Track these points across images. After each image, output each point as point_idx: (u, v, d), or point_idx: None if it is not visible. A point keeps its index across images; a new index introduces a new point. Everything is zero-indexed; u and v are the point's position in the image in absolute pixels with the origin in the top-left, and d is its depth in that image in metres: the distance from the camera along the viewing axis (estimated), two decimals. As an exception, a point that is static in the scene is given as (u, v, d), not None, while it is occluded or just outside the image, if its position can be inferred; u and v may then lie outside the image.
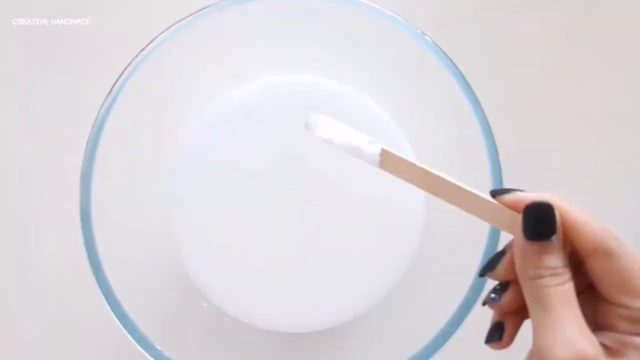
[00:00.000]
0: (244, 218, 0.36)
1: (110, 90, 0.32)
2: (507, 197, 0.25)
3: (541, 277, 0.24)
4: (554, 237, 0.24)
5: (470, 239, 0.32)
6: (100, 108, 0.32)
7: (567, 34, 0.44)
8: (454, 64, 0.32)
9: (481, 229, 0.31)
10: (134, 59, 0.32)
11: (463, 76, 0.32)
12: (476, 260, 0.31)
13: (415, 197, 0.37)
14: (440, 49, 0.32)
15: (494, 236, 0.31)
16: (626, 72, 0.44)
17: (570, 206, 0.24)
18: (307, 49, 0.37)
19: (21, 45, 0.43)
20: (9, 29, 0.43)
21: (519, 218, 0.25)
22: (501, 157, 0.31)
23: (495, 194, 0.26)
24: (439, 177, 0.27)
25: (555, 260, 0.24)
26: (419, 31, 0.33)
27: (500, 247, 0.31)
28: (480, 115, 0.32)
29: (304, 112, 0.38)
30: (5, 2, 0.43)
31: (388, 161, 0.28)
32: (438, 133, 0.36)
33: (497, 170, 0.31)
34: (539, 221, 0.24)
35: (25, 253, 0.41)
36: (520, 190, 0.26)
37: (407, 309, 0.36)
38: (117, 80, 0.32)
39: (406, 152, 0.38)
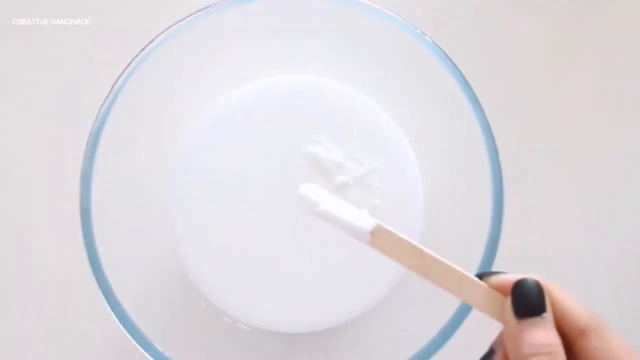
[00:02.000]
0: (244, 218, 0.36)
1: (110, 90, 0.32)
2: (493, 279, 0.25)
3: (538, 354, 0.23)
4: (545, 314, 0.24)
5: (470, 239, 0.32)
6: (100, 108, 0.32)
7: (567, 34, 0.44)
8: (454, 64, 0.32)
9: (481, 229, 0.31)
10: (134, 59, 0.32)
11: (463, 76, 0.32)
12: (476, 261, 0.31)
13: (416, 197, 0.37)
14: (440, 49, 0.32)
15: (494, 236, 0.31)
16: (626, 71, 0.44)
17: (556, 287, 0.24)
18: (307, 49, 0.37)
19: (21, 45, 0.43)
20: (9, 29, 0.43)
21: (507, 301, 0.24)
22: (501, 157, 0.31)
23: (482, 276, 0.26)
24: (432, 257, 0.26)
25: (549, 336, 0.23)
26: (419, 31, 0.32)
27: (499, 248, 0.31)
28: (480, 115, 0.32)
29: (304, 112, 0.38)
30: (5, 2, 0.43)
31: (380, 239, 0.27)
32: (438, 133, 0.36)
33: (497, 170, 0.31)
34: (528, 297, 0.24)
35: (25, 253, 0.41)
36: (505, 273, 0.26)
37: (407, 309, 0.36)
38: (117, 80, 0.32)
39: (407, 153, 0.38)
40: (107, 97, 0.32)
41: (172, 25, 0.33)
